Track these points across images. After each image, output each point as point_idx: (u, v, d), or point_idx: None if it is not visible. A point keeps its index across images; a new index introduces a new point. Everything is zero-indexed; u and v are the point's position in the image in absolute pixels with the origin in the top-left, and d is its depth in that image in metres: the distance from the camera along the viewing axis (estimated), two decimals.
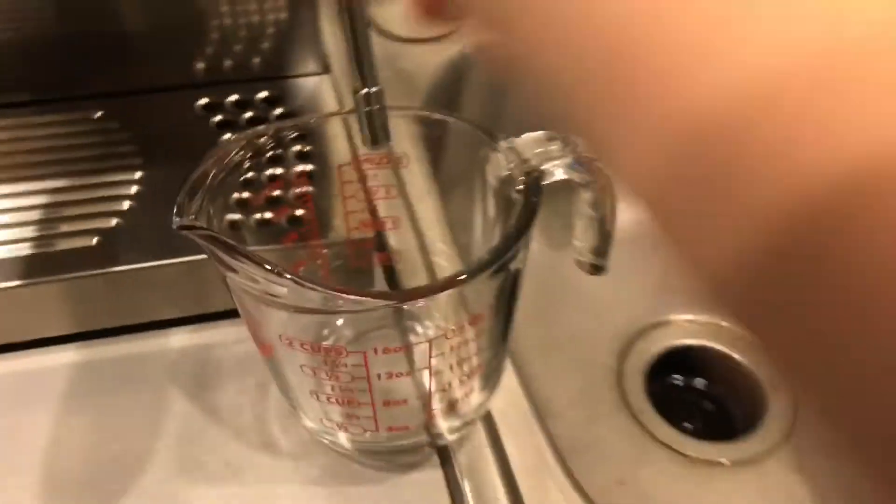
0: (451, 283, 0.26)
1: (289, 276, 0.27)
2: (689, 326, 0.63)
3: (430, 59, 0.59)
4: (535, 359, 0.32)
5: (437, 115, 0.34)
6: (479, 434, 0.34)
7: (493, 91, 0.61)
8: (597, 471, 0.36)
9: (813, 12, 0.14)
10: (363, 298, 0.27)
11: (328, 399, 0.31)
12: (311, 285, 0.27)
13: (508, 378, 0.36)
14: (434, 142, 0.35)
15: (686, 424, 0.59)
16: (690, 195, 0.15)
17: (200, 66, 0.45)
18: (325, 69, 0.48)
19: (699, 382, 0.62)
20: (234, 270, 0.29)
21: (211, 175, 0.31)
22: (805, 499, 0.52)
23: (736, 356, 0.61)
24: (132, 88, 0.45)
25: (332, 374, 0.30)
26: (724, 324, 0.63)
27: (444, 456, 0.34)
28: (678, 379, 0.62)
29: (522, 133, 0.31)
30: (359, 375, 0.29)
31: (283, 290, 0.28)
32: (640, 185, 0.16)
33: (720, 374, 0.61)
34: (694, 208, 0.15)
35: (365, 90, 0.32)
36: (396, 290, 0.27)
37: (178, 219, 0.29)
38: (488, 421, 0.34)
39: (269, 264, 0.27)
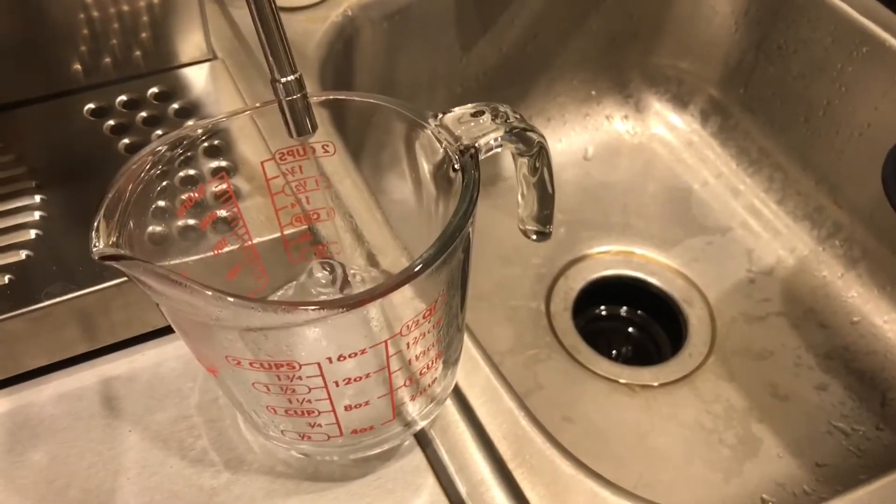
0: (403, 280, 0.24)
1: (231, 298, 0.24)
2: (604, 258, 0.65)
3: (313, 27, 0.56)
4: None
5: (359, 98, 0.32)
6: (450, 409, 0.34)
7: (386, 50, 0.59)
8: (543, 413, 0.37)
9: None
10: (309, 310, 0.24)
11: (286, 412, 0.29)
12: (253, 304, 0.24)
13: (466, 347, 0.36)
14: (360, 125, 0.34)
15: (617, 352, 0.61)
16: None
17: (77, 68, 0.41)
18: (214, 55, 0.45)
19: (623, 310, 0.64)
20: (166, 297, 0.25)
21: (127, 192, 0.28)
22: (738, 402, 0.55)
23: (650, 279, 0.63)
24: (5, 102, 0.40)
25: (287, 388, 0.27)
26: (635, 251, 0.65)
27: (422, 438, 0.33)
28: (603, 310, 0.63)
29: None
30: (316, 386, 0.27)
31: (224, 313, 0.25)
32: None
33: (639, 300, 0.63)
34: None
35: (284, 79, 0.30)
36: (345, 296, 0.26)
37: (97, 247, 0.25)
38: (457, 392, 0.34)
39: (207, 289, 0.24)
